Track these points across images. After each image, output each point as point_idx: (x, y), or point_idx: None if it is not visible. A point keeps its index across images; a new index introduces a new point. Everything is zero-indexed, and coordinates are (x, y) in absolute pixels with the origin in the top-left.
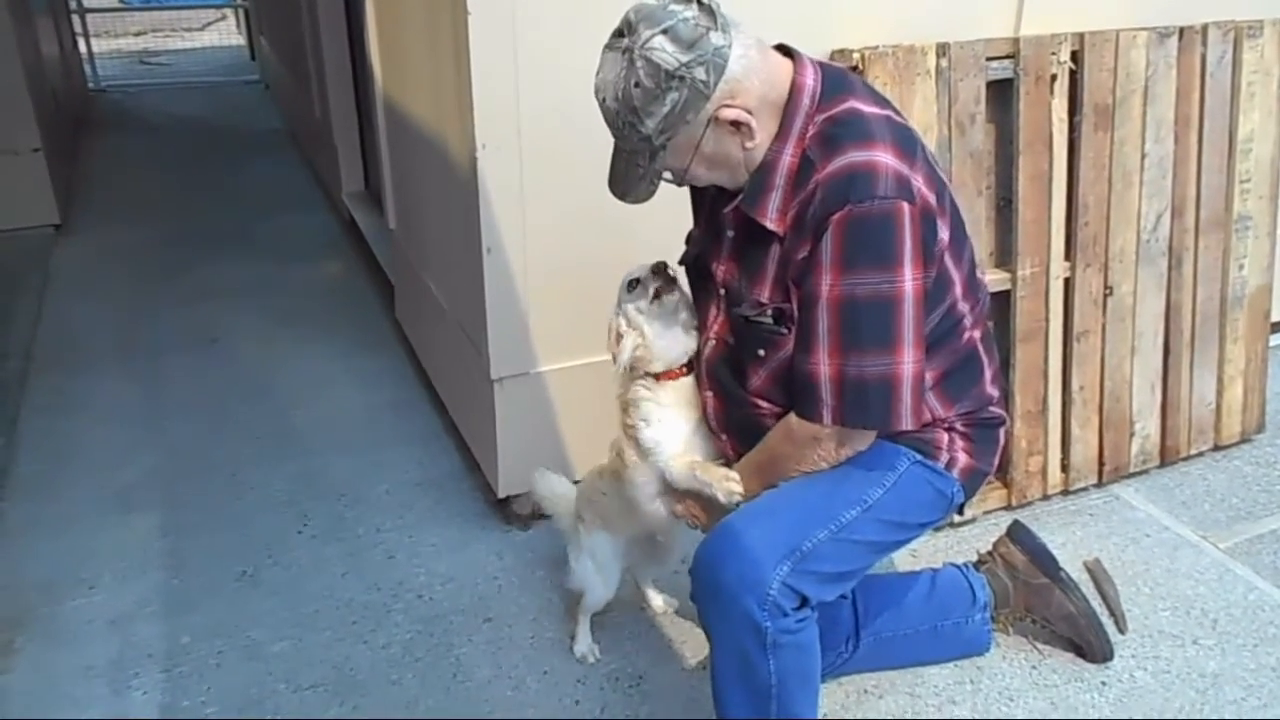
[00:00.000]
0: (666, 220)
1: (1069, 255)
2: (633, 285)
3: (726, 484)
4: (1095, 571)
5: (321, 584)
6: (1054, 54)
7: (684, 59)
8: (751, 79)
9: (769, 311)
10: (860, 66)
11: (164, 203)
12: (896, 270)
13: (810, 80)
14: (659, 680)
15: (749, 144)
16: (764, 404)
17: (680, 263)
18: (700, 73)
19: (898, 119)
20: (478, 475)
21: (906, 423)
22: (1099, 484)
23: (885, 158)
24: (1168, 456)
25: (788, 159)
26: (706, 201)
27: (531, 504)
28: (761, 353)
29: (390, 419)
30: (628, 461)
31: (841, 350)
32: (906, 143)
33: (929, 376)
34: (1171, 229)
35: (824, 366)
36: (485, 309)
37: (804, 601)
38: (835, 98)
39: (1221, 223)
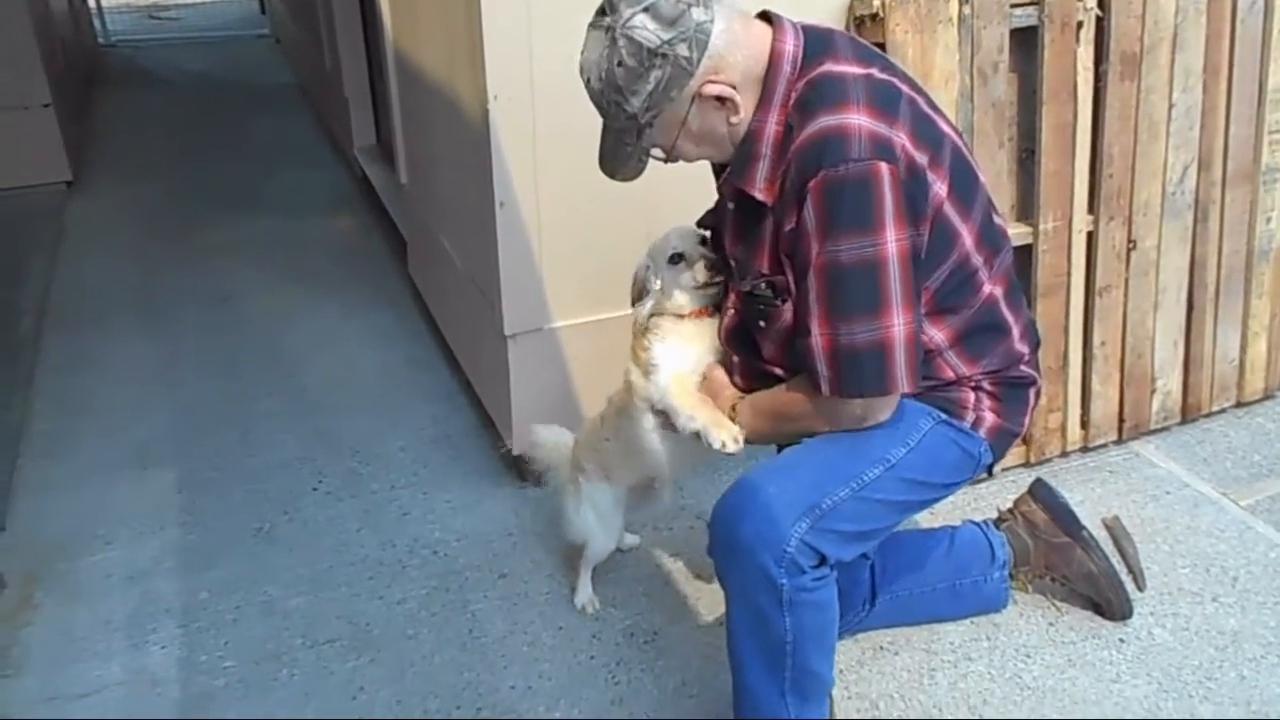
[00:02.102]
0: (683, 173)
1: (1092, 208)
2: (675, 259)
3: (721, 432)
4: (1114, 529)
5: (336, 540)
6: (1080, 1)
7: (666, 36)
8: (735, 53)
9: (763, 284)
10: (880, 14)
11: (175, 159)
12: (879, 232)
13: (790, 46)
14: (673, 636)
15: (734, 119)
16: (779, 370)
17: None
18: (683, 49)
19: (880, 76)
20: (492, 432)
21: (903, 385)
22: (1119, 441)
23: (858, 119)
24: (1189, 413)
25: (772, 127)
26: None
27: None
28: (762, 324)
29: (404, 376)
30: (634, 383)
31: (830, 319)
32: (885, 100)
33: (946, 335)
34: (1198, 182)
35: (816, 338)
36: (498, 264)
37: (822, 560)
38: (814, 61)
39: (1249, 175)
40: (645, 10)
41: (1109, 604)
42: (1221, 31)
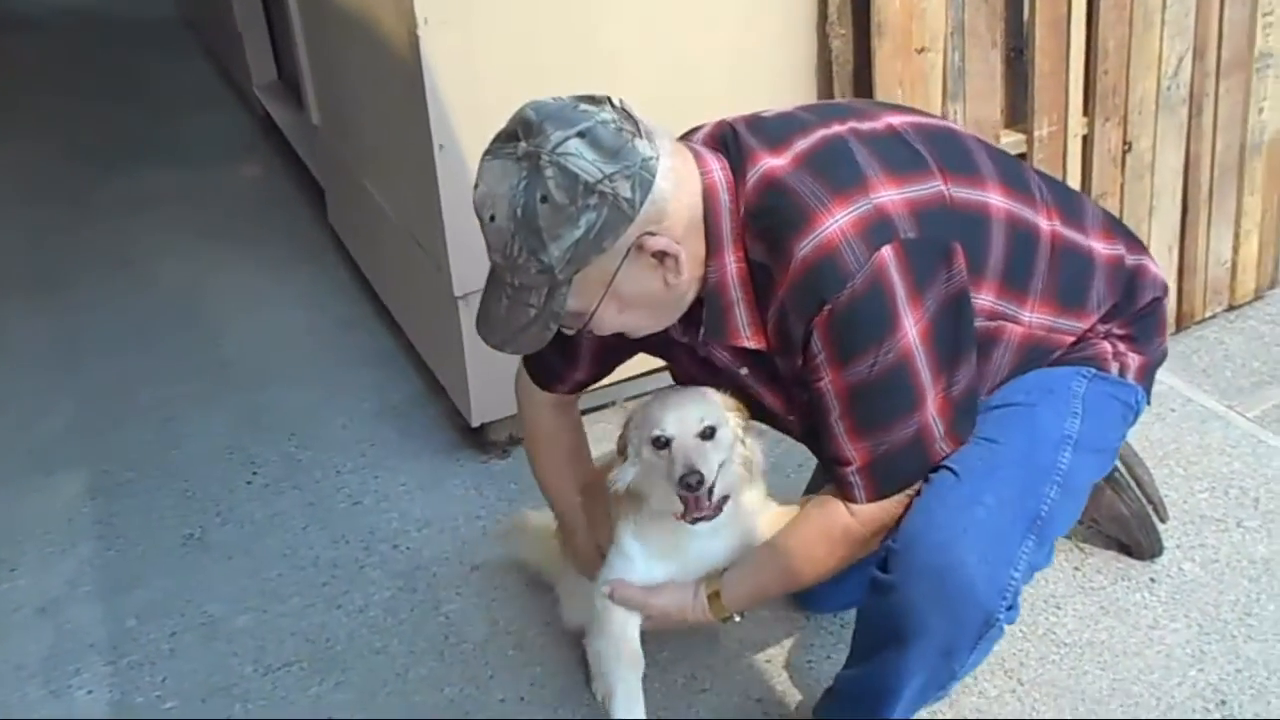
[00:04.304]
0: (651, 92)
1: (1087, 110)
2: (660, 444)
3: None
4: (1126, 456)
5: (281, 542)
6: None
7: (608, 170)
8: (680, 198)
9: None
10: None
11: (55, 111)
12: (896, 330)
13: (717, 171)
14: None
15: (672, 279)
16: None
17: None
18: (625, 189)
19: (822, 132)
20: (443, 399)
21: (945, 452)
22: None
23: (834, 223)
24: (1183, 322)
25: (733, 267)
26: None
27: (510, 429)
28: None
29: (337, 340)
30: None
31: (862, 435)
32: (837, 168)
33: (1040, 307)
34: (1193, 73)
35: (849, 452)
36: (442, 217)
37: None
38: (744, 175)
39: (1244, 63)
40: (580, 136)
41: (1139, 545)
42: None
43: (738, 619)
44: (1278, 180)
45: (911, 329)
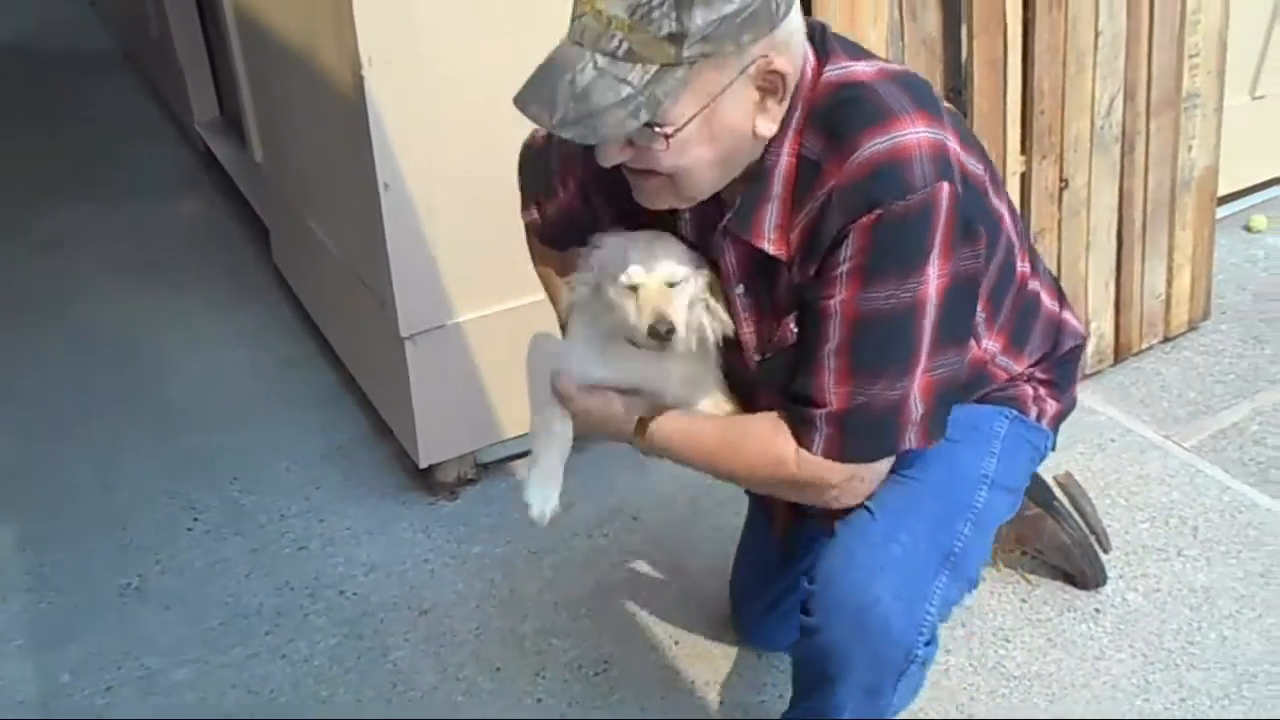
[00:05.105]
0: None
1: (1025, 148)
2: (628, 286)
3: (534, 493)
4: (1069, 487)
5: (223, 590)
6: None
7: None
8: (798, 49)
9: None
10: None
11: None
12: (922, 270)
13: (809, 54)
14: (627, 664)
15: (762, 125)
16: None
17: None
18: None
19: (897, 67)
20: (390, 440)
21: (909, 445)
22: None
23: (914, 133)
24: (1121, 354)
25: (785, 159)
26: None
27: (458, 470)
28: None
29: (281, 380)
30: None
31: (851, 377)
32: (930, 98)
33: (1000, 340)
34: (1125, 113)
35: (829, 393)
36: (388, 257)
37: None
38: (821, 70)
39: (1172, 103)
40: None
41: (1082, 574)
42: None
43: (648, 460)
44: (1207, 215)
45: (933, 280)
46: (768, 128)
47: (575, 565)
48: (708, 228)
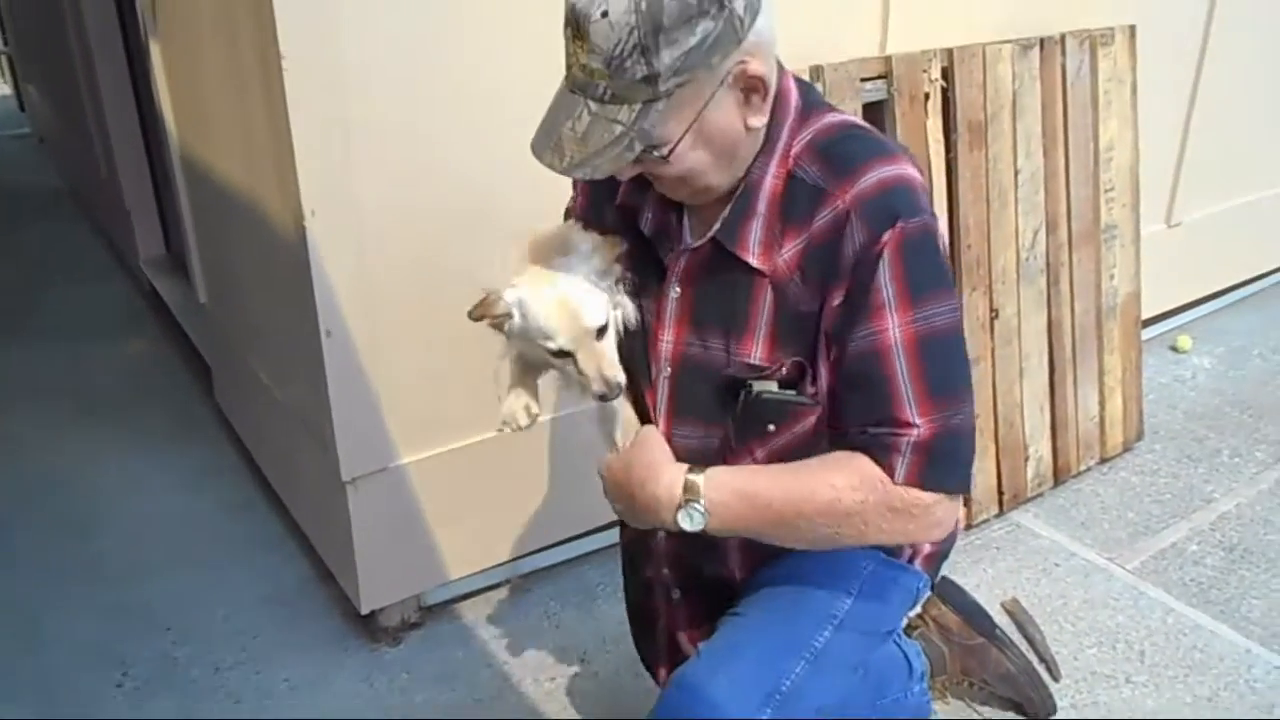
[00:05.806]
0: None
1: (956, 281)
2: (559, 354)
3: (513, 405)
4: (1016, 614)
5: None
6: (925, 71)
7: None
8: (771, 46)
9: (775, 384)
10: None
11: None
12: (951, 293)
13: (793, 89)
14: None
15: (753, 121)
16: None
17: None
18: (740, 6)
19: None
20: (331, 585)
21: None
22: (1000, 513)
23: (912, 169)
24: (1060, 476)
25: (770, 180)
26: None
27: (401, 614)
28: (771, 428)
29: (220, 524)
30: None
31: (936, 401)
32: (908, 153)
33: None
34: (1048, 245)
35: (919, 428)
36: (329, 402)
37: None
38: (817, 111)
39: (1092, 235)
40: None
41: (1030, 702)
42: (1055, 96)
43: (690, 524)
44: (1133, 340)
45: (950, 310)
46: (759, 120)
47: (524, 712)
48: (665, 232)
